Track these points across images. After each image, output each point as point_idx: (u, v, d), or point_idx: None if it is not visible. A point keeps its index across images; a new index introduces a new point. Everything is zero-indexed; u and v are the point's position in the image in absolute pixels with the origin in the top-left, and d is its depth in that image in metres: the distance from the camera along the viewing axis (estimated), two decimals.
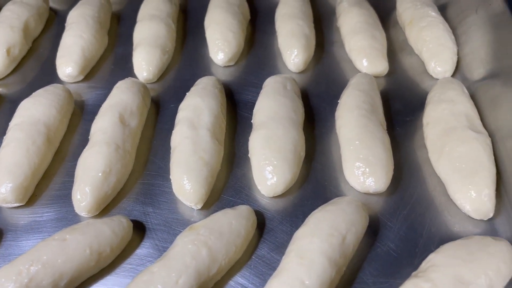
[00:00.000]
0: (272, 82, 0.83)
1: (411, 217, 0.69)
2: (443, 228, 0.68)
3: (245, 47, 0.98)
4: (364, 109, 0.76)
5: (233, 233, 0.63)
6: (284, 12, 0.97)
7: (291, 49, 0.90)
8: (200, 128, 0.74)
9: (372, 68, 0.88)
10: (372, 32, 0.91)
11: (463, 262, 0.57)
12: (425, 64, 0.90)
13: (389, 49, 0.96)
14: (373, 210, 0.71)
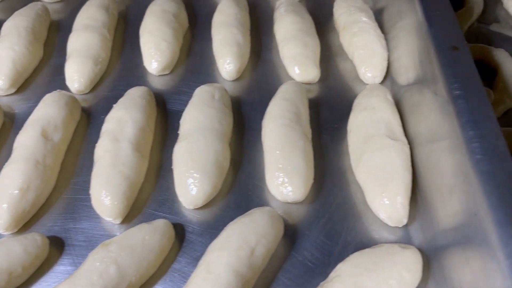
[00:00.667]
0: (200, 92, 0.83)
1: (329, 225, 0.70)
2: (360, 236, 0.69)
3: (182, 56, 0.97)
4: (287, 118, 0.76)
5: (146, 249, 0.63)
6: (219, 20, 0.96)
7: (223, 57, 0.90)
8: (122, 141, 0.74)
9: (303, 75, 0.89)
10: (304, 39, 0.91)
11: (366, 272, 0.58)
12: (357, 70, 0.91)
13: (325, 55, 0.96)
14: (294, 219, 0.71)
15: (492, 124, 0.55)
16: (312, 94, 0.90)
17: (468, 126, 0.55)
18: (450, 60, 0.63)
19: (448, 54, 0.64)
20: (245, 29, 0.95)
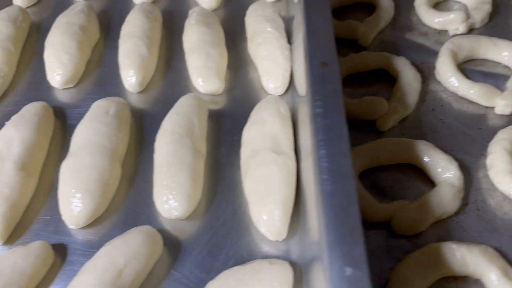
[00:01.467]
0: (94, 107, 0.82)
1: (213, 241, 0.69)
2: (241, 251, 0.68)
3: (90, 67, 0.95)
4: (177, 133, 0.75)
5: (16, 273, 0.61)
6: (125, 31, 0.95)
7: (126, 69, 0.89)
8: (6, 161, 0.72)
9: (206, 87, 0.88)
10: (208, 50, 0.90)
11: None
12: (261, 80, 0.91)
13: (234, 66, 0.96)
14: (181, 235, 0.71)
15: (343, 144, 0.55)
16: (216, 106, 0.90)
17: (321, 145, 0.55)
18: (317, 76, 0.63)
19: (317, 70, 0.64)
20: (152, 40, 0.94)
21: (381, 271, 0.66)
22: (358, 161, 0.75)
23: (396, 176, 0.77)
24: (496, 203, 0.73)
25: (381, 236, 0.70)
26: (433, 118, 0.85)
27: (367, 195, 0.71)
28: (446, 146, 0.80)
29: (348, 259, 0.45)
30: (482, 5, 1.01)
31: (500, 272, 0.61)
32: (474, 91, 0.85)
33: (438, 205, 0.69)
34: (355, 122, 0.85)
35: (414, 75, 0.87)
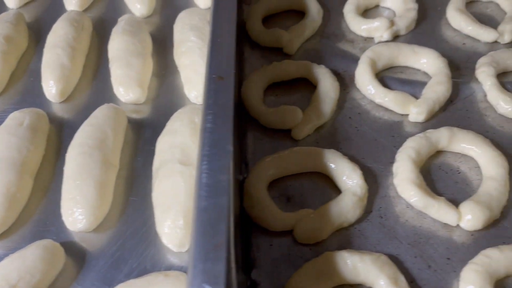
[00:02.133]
0: (9, 118, 0.82)
1: (119, 253, 0.70)
2: (145, 262, 0.69)
3: (16, 77, 0.95)
4: (87, 145, 0.76)
5: None
6: (49, 40, 0.95)
7: (46, 79, 0.89)
8: None
9: (127, 96, 0.89)
10: (130, 59, 0.90)
11: None
12: (184, 89, 0.92)
13: (161, 74, 0.97)
14: (88, 248, 0.71)
15: (225, 159, 0.56)
16: (139, 115, 0.90)
17: (204, 160, 0.56)
18: (212, 90, 0.64)
19: (212, 84, 0.65)
20: (76, 49, 0.93)
21: (280, 280, 0.67)
22: (268, 170, 0.76)
23: (306, 185, 0.78)
24: (399, 211, 0.74)
25: (284, 245, 0.71)
26: (349, 126, 0.86)
27: (271, 204, 0.72)
28: (358, 154, 0.81)
29: (207, 275, 0.46)
30: (407, 12, 1.02)
31: (389, 280, 0.62)
32: (389, 99, 0.86)
33: (338, 213, 0.70)
34: (273, 131, 0.86)
35: (332, 84, 0.88)
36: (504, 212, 0.73)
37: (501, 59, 0.91)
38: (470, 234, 0.71)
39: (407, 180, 0.73)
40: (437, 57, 0.91)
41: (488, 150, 0.76)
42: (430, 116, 0.85)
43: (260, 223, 0.72)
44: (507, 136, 0.83)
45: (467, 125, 0.85)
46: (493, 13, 1.08)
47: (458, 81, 0.92)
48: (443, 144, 0.79)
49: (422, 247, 0.70)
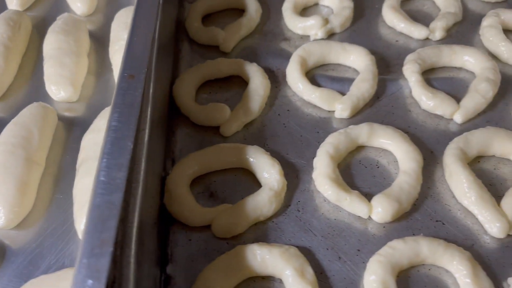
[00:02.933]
0: None
1: (38, 250, 0.71)
2: (64, 259, 0.70)
3: None
4: (10, 144, 0.76)
5: None
6: None
7: None
8: None
9: (59, 94, 0.89)
10: (63, 58, 0.91)
11: None
12: None
13: (98, 72, 0.97)
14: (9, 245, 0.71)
15: (124, 157, 0.57)
16: (72, 113, 0.91)
17: (104, 157, 0.57)
18: (122, 89, 0.65)
19: (123, 82, 0.66)
20: (10, 49, 0.93)
21: (195, 274, 0.67)
22: (191, 167, 0.77)
23: (230, 180, 0.79)
24: (316, 204, 0.76)
25: (203, 240, 0.72)
26: (277, 122, 0.88)
27: (190, 200, 0.73)
28: (283, 150, 0.83)
29: (91, 270, 0.47)
30: (343, 10, 1.04)
31: (295, 272, 0.64)
32: (316, 96, 0.88)
33: (254, 208, 0.71)
34: (203, 128, 0.88)
35: (261, 82, 0.89)
36: (416, 204, 0.75)
37: (428, 56, 0.93)
38: (382, 226, 0.73)
39: (323, 174, 0.75)
40: (365, 54, 0.93)
41: (404, 145, 0.78)
42: (355, 113, 0.87)
43: (179, 219, 0.73)
44: (429, 131, 0.86)
45: (391, 120, 0.87)
46: (429, 10, 1.10)
47: (386, 78, 0.94)
48: (363, 140, 0.81)
49: (335, 239, 0.72)
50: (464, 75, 0.94)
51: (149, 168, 0.68)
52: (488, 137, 0.78)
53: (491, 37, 0.97)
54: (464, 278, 0.64)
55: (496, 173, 0.79)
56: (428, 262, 0.67)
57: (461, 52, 0.93)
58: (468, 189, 0.72)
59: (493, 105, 0.88)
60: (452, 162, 0.75)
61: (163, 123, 0.83)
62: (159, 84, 0.82)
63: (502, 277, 0.67)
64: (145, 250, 0.63)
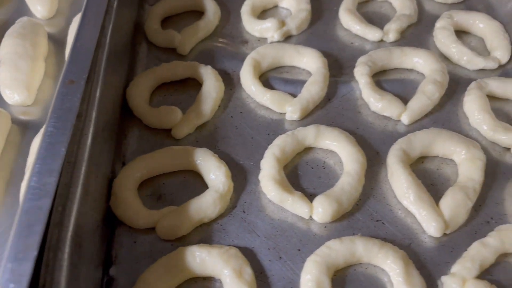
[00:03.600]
0: None
1: None
2: None
3: None
4: None
5: None
6: None
7: None
8: None
9: (13, 98, 0.89)
10: (17, 63, 0.91)
11: None
12: None
13: (57, 76, 0.98)
14: None
15: (56, 163, 0.58)
16: (28, 116, 0.91)
17: (37, 163, 0.58)
18: (61, 94, 0.65)
19: (63, 88, 0.66)
20: None
21: (138, 276, 0.69)
22: (138, 170, 0.78)
23: (179, 183, 0.80)
24: (262, 205, 0.77)
25: (148, 242, 0.73)
26: (229, 125, 0.89)
27: (136, 202, 0.74)
28: (233, 152, 0.84)
29: (13, 274, 0.48)
30: (299, 13, 1.05)
31: (233, 272, 0.65)
32: (267, 98, 0.89)
33: (198, 210, 0.72)
34: (156, 131, 0.88)
35: (214, 84, 0.90)
36: (358, 204, 0.77)
37: (378, 59, 0.94)
38: (324, 226, 0.74)
39: (268, 176, 0.76)
40: (317, 57, 0.94)
41: (348, 146, 0.79)
42: (305, 115, 0.88)
43: (125, 221, 0.74)
44: (377, 132, 0.87)
45: (340, 122, 0.89)
46: (387, 12, 1.11)
47: (338, 80, 0.95)
48: (310, 141, 0.82)
49: (277, 239, 0.73)
50: (415, 76, 0.96)
51: (91, 172, 0.69)
52: (430, 138, 0.80)
53: (443, 38, 0.99)
54: (397, 276, 0.66)
55: (438, 173, 0.81)
56: (364, 261, 0.69)
57: (411, 54, 0.94)
58: (407, 189, 0.74)
59: (441, 106, 0.90)
60: (393, 162, 0.77)
61: (114, 126, 0.84)
62: (110, 88, 0.83)
63: (436, 275, 0.69)
64: (83, 253, 0.64)
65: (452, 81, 0.94)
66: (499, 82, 0.90)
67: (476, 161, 0.76)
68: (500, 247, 0.68)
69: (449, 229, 0.71)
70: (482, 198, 0.77)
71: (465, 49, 0.96)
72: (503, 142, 0.82)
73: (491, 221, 0.74)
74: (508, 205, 0.76)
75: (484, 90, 0.89)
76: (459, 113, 0.89)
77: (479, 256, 0.67)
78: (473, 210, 0.75)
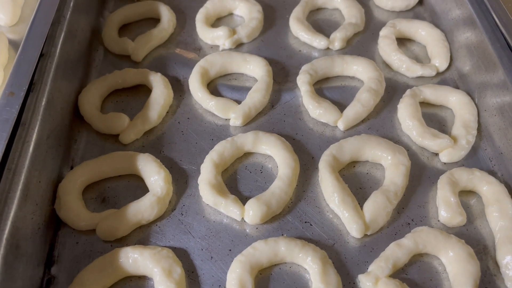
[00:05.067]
0: None
1: None
2: None
3: None
4: None
5: None
6: None
7: None
8: None
9: None
10: None
11: None
12: None
13: None
14: None
15: None
16: None
17: None
18: (1, 105, 0.70)
19: (3, 99, 0.70)
20: None
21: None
22: (83, 174, 0.82)
23: (123, 187, 0.84)
24: (199, 208, 0.81)
25: (89, 242, 0.77)
26: (176, 130, 0.93)
27: (78, 205, 0.78)
28: (177, 157, 0.88)
29: None
30: (250, 21, 1.08)
31: (163, 271, 0.70)
32: (212, 104, 0.93)
33: (136, 213, 0.77)
34: (106, 136, 0.92)
35: (162, 91, 0.94)
36: (290, 207, 0.81)
37: (320, 67, 0.98)
38: (255, 227, 0.79)
39: (205, 180, 0.80)
40: (263, 65, 0.98)
41: (282, 151, 0.84)
42: (247, 121, 0.92)
43: (68, 223, 0.78)
44: (314, 137, 0.91)
45: (281, 128, 0.93)
46: (337, 20, 1.16)
47: (282, 87, 0.99)
48: (249, 147, 0.86)
49: (210, 240, 0.77)
50: (356, 83, 1.00)
51: (33, 177, 0.73)
52: (361, 144, 0.84)
53: (385, 47, 1.03)
54: (315, 274, 0.70)
55: (368, 177, 0.85)
56: (287, 260, 0.73)
57: (351, 62, 0.98)
58: (332, 192, 0.78)
59: (377, 112, 0.95)
60: (322, 167, 0.81)
61: (63, 131, 0.87)
62: (59, 95, 0.86)
63: (355, 274, 0.74)
64: (20, 254, 0.68)
65: (392, 88, 0.99)
66: (433, 89, 0.94)
67: (399, 166, 0.81)
68: (413, 248, 0.72)
69: (370, 231, 0.76)
70: (406, 201, 0.82)
71: (404, 57, 1.00)
72: (431, 148, 0.87)
73: (411, 223, 0.79)
74: (430, 207, 0.81)
75: (418, 98, 0.93)
76: (394, 119, 0.94)
77: (393, 256, 0.72)
78: (396, 212, 0.80)
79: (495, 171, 0.85)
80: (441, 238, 0.73)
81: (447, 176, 0.81)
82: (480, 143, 0.89)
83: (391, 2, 1.14)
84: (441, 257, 0.73)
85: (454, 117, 0.93)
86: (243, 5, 1.12)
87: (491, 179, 0.80)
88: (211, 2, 1.12)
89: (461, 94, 0.93)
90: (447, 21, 1.09)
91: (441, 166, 0.86)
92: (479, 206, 0.81)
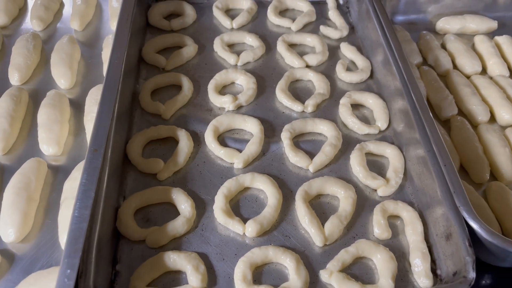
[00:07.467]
0: None
1: (35, 256, 1.07)
2: (52, 262, 1.07)
3: None
4: (17, 188, 1.13)
5: None
6: None
7: None
8: None
9: (48, 152, 1.26)
10: (51, 126, 1.28)
11: None
12: None
13: (76, 133, 1.35)
14: (15, 252, 1.08)
15: (87, 202, 0.95)
16: (58, 162, 1.27)
17: (77, 201, 0.95)
18: (89, 158, 1.03)
19: (90, 154, 1.03)
20: (14, 118, 1.30)
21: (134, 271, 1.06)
22: (134, 202, 1.15)
23: (161, 211, 1.18)
24: (214, 226, 1.15)
25: (140, 249, 1.10)
26: (196, 170, 1.27)
27: (133, 223, 1.11)
28: (197, 190, 1.22)
29: (69, 265, 0.85)
30: (248, 90, 1.44)
31: (192, 267, 1.03)
32: (221, 153, 1.27)
33: (172, 229, 1.10)
34: (146, 174, 1.25)
35: (186, 143, 1.28)
36: (276, 225, 1.15)
37: (297, 126, 1.34)
38: (252, 239, 1.13)
39: (218, 207, 1.15)
40: (257, 124, 1.33)
41: (270, 187, 1.18)
42: (247, 165, 1.27)
43: (126, 236, 1.11)
44: (292, 177, 1.26)
45: (270, 170, 1.27)
46: (310, 89, 1.52)
47: (271, 140, 1.35)
48: (248, 183, 1.21)
49: (222, 247, 1.11)
50: (322, 138, 1.36)
51: (106, 204, 1.06)
52: (323, 183, 1.20)
53: (343, 112, 1.39)
54: (291, 270, 1.04)
55: (329, 205, 1.20)
56: (274, 261, 1.07)
57: (319, 124, 1.35)
58: (304, 215, 1.13)
59: (336, 160, 1.30)
60: (298, 199, 1.16)
61: (118, 171, 1.20)
62: (115, 145, 1.20)
63: (317, 270, 1.08)
64: (102, 255, 1.00)
65: (347, 142, 1.35)
66: (375, 144, 1.31)
67: (349, 199, 1.16)
68: (356, 253, 1.07)
69: (328, 242, 1.11)
70: (353, 222, 1.17)
71: (356, 120, 1.37)
72: (372, 186, 1.23)
73: (356, 237, 1.14)
74: (368, 226, 1.16)
75: (364, 150, 1.29)
76: (347, 165, 1.29)
77: (342, 258, 1.06)
78: (346, 229, 1.15)
79: (413, 202, 1.21)
80: (374, 246, 1.08)
81: (380, 205, 1.16)
82: (405, 183, 1.25)
83: (349, 77, 1.51)
84: (373, 258, 1.08)
85: (389, 164, 1.29)
86: (242, 77, 1.47)
87: (409, 208, 1.16)
88: (219, 74, 1.48)
89: (394, 148, 1.30)
90: (388, 91, 1.46)
91: (378, 198, 1.22)
92: (401, 226, 1.17)
